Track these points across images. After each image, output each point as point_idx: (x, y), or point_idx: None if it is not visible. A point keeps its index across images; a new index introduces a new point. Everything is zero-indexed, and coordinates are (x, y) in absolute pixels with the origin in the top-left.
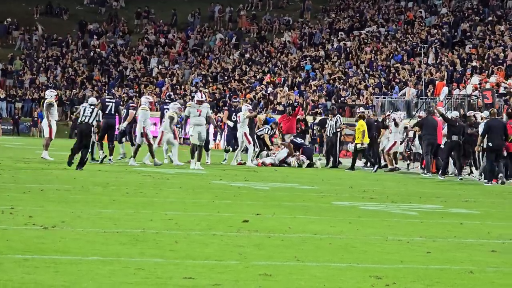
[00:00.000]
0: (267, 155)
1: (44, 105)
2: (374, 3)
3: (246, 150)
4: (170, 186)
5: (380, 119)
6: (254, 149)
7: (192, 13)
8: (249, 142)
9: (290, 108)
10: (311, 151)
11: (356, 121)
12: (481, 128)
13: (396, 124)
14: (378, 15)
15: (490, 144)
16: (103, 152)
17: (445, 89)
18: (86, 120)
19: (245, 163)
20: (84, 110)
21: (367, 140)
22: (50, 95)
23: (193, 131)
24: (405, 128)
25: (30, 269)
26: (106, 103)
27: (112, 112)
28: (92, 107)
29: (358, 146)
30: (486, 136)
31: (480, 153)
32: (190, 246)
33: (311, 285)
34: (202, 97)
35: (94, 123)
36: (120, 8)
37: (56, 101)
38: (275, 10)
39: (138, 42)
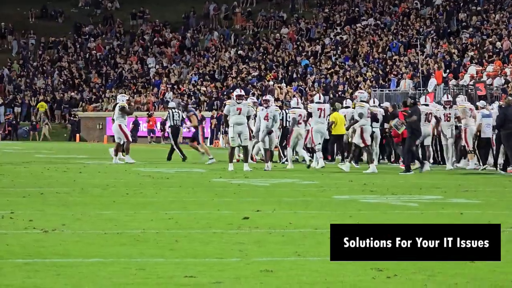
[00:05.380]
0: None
1: (116, 109)
2: None
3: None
4: (169, 186)
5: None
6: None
7: (185, 14)
8: (250, 139)
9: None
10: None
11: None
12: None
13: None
14: (373, 7)
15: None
16: None
17: (433, 81)
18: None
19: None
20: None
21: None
22: (122, 99)
23: (233, 132)
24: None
25: (30, 273)
26: None
27: None
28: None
29: None
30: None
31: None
32: (191, 244)
33: (312, 280)
34: (241, 93)
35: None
36: (115, 9)
37: (127, 106)
38: (271, 6)
39: (134, 42)
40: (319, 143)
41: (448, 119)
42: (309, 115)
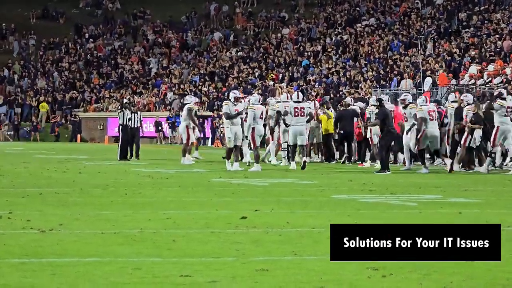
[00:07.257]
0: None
1: (185, 110)
2: None
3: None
4: (169, 186)
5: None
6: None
7: (187, 14)
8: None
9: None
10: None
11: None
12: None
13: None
14: (374, 7)
15: (341, 131)
16: None
17: (429, 80)
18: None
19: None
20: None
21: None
22: (191, 100)
23: (229, 132)
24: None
25: (27, 273)
26: None
27: None
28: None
29: None
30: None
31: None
32: (188, 244)
33: (308, 279)
34: (239, 95)
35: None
36: (116, 10)
37: (197, 108)
38: (271, 6)
39: (135, 43)
40: (285, 142)
41: (406, 119)
42: (278, 113)
